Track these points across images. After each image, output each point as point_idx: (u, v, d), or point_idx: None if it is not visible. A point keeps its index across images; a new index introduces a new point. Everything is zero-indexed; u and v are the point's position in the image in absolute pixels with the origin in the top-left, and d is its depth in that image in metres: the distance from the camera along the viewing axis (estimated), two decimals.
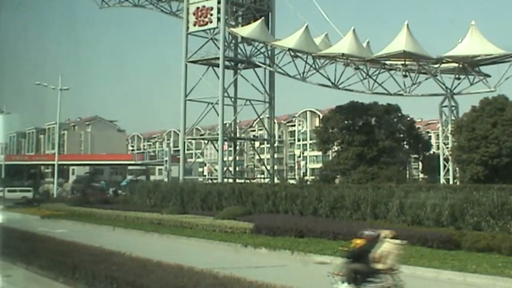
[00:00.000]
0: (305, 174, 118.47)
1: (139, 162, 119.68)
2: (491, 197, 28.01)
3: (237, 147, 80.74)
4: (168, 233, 33.45)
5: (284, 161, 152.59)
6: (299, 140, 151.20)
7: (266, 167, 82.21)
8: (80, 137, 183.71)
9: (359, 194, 35.83)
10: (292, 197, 40.05)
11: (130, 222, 40.66)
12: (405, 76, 66.08)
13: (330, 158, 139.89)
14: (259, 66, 74.37)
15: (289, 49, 66.89)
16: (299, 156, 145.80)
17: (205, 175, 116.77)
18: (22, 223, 40.53)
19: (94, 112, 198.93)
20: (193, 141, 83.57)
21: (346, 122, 75.13)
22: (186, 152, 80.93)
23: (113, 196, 75.59)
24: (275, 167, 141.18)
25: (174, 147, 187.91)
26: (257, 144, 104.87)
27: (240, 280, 14.57)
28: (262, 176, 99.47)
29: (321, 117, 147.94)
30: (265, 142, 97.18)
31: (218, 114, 72.59)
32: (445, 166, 67.06)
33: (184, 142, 77.32)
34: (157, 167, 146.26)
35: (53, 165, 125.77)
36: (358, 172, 69.69)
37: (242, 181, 77.65)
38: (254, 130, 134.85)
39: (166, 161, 77.31)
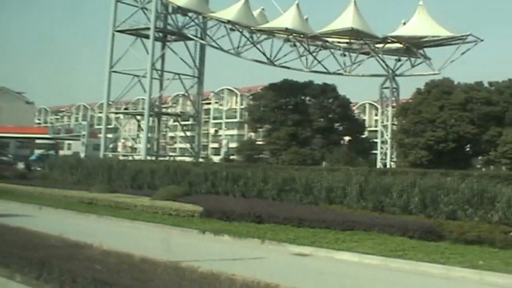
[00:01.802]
0: (227, 153, 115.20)
1: (55, 135, 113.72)
2: (470, 184, 25.80)
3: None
4: (107, 215, 29.84)
5: (209, 138, 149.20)
6: (214, 119, 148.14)
7: (191, 145, 78.52)
8: None
9: (311, 177, 33.37)
10: (234, 178, 37.27)
11: (57, 200, 36.76)
12: (344, 55, 63.97)
13: (246, 137, 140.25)
14: (191, 39, 70.85)
15: (228, 21, 63.59)
16: (214, 135, 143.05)
17: (119, 152, 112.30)
18: None
19: (1, 82, 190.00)
20: (113, 116, 79.03)
21: (279, 100, 72.20)
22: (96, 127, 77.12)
23: (27, 171, 70.52)
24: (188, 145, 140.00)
25: (83, 121, 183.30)
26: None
27: (229, 278, 11.90)
28: (179, 154, 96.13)
29: (239, 95, 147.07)
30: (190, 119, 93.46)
31: (144, 88, 68.78)
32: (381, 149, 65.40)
33: (107, 116, 72.89)
34: (66, 142, 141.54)
35: None
36: (289, 153, 67.18)
37: (165, 158, 74.42)
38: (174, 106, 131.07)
39: (84, 135, 73.27)
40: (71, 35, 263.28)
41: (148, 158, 66.02)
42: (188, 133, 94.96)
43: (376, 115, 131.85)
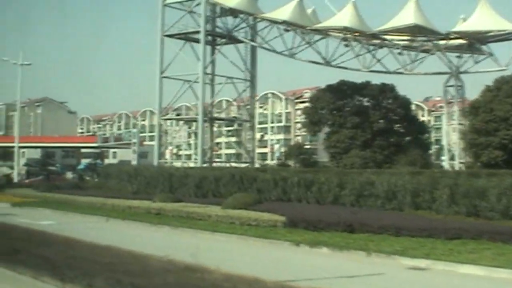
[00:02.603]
0: (280, 158, 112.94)
1: (103, 144, 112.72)
2: None
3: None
4: (181, 226, 28.02)
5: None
6: (259, 123, 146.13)
7: (246, 149, 76.52)
8: (30, 118, 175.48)
9: (393, 181, 31.40)
10: (306, 184, 35.54)
11: (121, 211, 35.19)
12: (401, 54, 61.71)
13: (293, 142, 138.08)
14: (241, 41, 69.00)
15: (284, 22, 61.62)
16: (260, 140, 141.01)
17: (166, 159, 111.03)
18: None
19: (44, 92, 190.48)
20: (166, 122, 77.34)
21: (337, 102, 69.94)
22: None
23: (79, 181, 69.56)
24: (234, 151, 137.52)
25: (125, 129, 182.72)
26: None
27: None
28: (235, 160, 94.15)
29: (283, 99, 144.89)
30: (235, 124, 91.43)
31: (195, 93, 67.22)
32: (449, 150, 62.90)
33: (160, 123, 71.26)
34: (111, 150, 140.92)
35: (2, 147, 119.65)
36: (350, 156, 64.97)
37: (221, 164, 72.65)
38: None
39: (135, 143, 71.87)
40: (112, 44, 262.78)
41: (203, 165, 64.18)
42: (234, 139, 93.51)
43: (422, 115, 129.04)
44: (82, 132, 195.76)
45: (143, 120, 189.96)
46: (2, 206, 42.61)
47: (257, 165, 73.22)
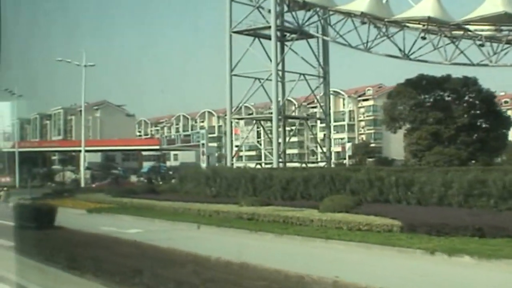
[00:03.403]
0: (353, 157, 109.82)
1: (170, 146, 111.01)
2: None
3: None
4: (287, 234, 25.55)
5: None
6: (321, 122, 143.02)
7: (321, 148, 73.72)
8: (89, 122, 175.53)
9: (508, 179, 28.63)
10: (406, 183, 32.93)
11: (208, 217, 32.96)
12: (482, 45, 58.36)
13: (357, 140, 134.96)
14: (312, 37, 66.34)
15: (362, 13, 58.76)
16: (323, 139, 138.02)
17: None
18: (71, 220, 32.26)
19: (102, 96, 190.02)
20: (240, 121, 75.06)
21: (418, 97, 66.64)
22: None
23: (149, 184, 67.82)
24: (297, 151, 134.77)
25: (183, 131, 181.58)
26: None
27: None
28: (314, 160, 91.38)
29: (346, 97, 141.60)
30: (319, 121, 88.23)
31: (266, 91, 65.05)
32: None
33: (231, 123, 68.91)
34: (172, 153, 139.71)
35: (64, 151, 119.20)
36: (433, 153, 61.73)
37: (297, 165, 70.13)
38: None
39: (203, 144, 69.84)
40: (175, 43, 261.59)
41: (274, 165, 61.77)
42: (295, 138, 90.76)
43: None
44: (140, 135, 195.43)
45: (202, 122, 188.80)
46: (78, 212, 40.83)
47: (332, 165, 70.19)
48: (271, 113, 66.33)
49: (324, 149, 72.37)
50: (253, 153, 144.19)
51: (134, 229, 29.12)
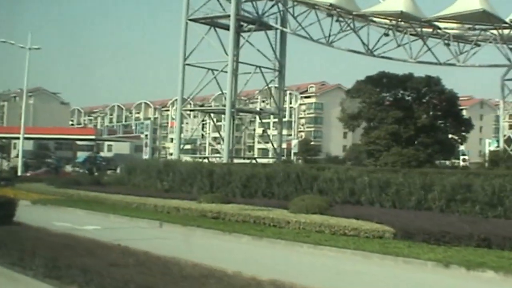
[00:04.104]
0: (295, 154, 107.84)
1: (111, 136, 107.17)
2: None
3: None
4: (266, 237, 22.96)
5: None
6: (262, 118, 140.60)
7: (272, 145, 71.14)
8: (21, 109, 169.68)
9: (495, 183, 27.04)
10: (381, 185, 31.00)
11: (169, 214, 30.21)
12: (447, 44, 57.09)
13: (296, 137, 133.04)
14: (271, 28, 63.89)
15: (331, 5, 56.47)
16: (261, 135, 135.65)
17: (171, 154, 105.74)
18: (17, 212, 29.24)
19: (36, 82, 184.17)
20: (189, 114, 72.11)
21: (380, 95, 64.65)
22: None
23: (89, 175, 64.33)
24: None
25: (117, 122, 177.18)
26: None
27: None
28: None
29: (287, 93, 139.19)
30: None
31: (218, 83, 62.61)
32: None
33: (182, 114, 65.72)
34: (106, 143, 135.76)
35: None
36: (391, 154, 59.92)
37: (244, 161, 67.64)
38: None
39: (146, 135, 66.78)
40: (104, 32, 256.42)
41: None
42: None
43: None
44: (72, 124, 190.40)
45: (138, 113, 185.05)
46: (22, 204, 37.23)
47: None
48: (224, 105, 63.60)
49: (275, 145, 69.74)
50: (188, 146, 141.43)
51: (90, 225, 26.28)
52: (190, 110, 68.80)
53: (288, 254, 20.27)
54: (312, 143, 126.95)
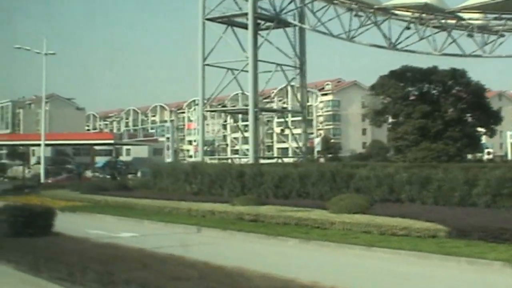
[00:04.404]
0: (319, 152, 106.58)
1: (130, 140, 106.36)
2: None
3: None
4: (313, 239, 22.10)
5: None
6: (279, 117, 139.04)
7: (297, 143, 70.05)
8: (37, 115, 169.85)
9: None
10: (421, 181, 29.95)
11: (201, 217, 29.40)
12: (470, 35, 55.92)
13: (316, 135, 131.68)
14: (289, 25, 62.85)
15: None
16: (281, 134, 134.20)
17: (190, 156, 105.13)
18: None
19: (50, 89, 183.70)
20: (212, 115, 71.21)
21: (405, 90, 63.34)
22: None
23: (111, 179, 63.71)
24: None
25: (133, 126, 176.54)
26: None
27: None
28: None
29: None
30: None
31: (238, 82, 61.74)
32: None
33: (204, 115, 64.72)
34: (125, 148, 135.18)
35: (19, 145, 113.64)
36: (420, 149, 58.71)
37: (270, 161, 66.60)
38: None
39: (168, 138, 65.94)
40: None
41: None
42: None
43: None
44: (88, 129, 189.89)
45: (153, 116, 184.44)
46: None
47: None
48: (246, 105, 62.67)
49: (300, 144, 68.69)
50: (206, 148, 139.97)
51: (125, 232, 25.53)
52: (212, 111, 67.81)
53: (342, 258, 19.39)
54: (331, 141, 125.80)
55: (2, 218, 18.16)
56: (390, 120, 67.50)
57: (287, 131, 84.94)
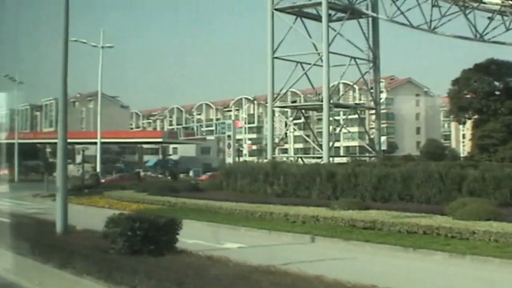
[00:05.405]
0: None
1: (183, 138, 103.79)
2: None
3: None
4: (458, 252, 18.54)
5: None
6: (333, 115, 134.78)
7: (371, 140, 66.43)
8: (82, 114, 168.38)
9: None
10: None
11: (301, 224, 25.90)
12: None
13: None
14: (363, 16, 59.20)
15: None
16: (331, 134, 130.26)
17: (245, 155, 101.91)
18: None
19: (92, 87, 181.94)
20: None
21: (491, 85, 59.04)
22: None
23: (172, 179, 60.75)
24: (302, 145, 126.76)
25: (177, 124, 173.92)
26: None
27: None
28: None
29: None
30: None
31: (308, 76, 58.41)
32: None
33: (273, 111, 61.08)
34: (171, 146, 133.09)
35: (69, 143, 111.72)
36: (508, 148, 54.51)
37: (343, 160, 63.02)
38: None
39: (229, 136, 62.58)
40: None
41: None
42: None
43: None
44: (131, 128, 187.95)
45: (199, 114, 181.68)
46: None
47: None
48: (320, 100, 59.04)
49: (375, 141, 64.96)
50: (255, 147, 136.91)
51: (228, 242, 22.02)
52: (282, 107, 64.37)
53: None
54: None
55: (116, 231, 14.80)
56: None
57: (349, 129, 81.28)
